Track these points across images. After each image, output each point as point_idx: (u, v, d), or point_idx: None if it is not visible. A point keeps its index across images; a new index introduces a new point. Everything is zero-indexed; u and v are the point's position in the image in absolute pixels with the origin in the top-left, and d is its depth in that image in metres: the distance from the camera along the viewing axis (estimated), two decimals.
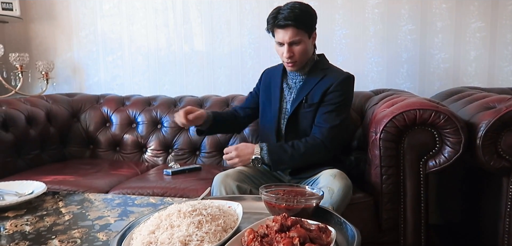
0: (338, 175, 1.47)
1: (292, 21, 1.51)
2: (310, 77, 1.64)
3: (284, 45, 1.55)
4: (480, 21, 2.22)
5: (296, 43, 1.55)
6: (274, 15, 1.55)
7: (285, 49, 1.56)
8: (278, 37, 1.57)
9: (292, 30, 1.52)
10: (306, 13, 1.55)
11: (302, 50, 1.57)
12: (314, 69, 1.65)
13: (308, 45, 1.59)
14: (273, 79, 1.75)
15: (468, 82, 2.27)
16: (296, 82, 1.67)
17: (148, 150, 2.36)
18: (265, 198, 1.06)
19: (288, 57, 1.57)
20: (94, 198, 1.38)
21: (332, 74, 1.62)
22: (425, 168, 1.51)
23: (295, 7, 1.53)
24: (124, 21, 2.71)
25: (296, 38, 1.53)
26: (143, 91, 2.70)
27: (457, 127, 1.42)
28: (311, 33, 1.59)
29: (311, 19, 1.58)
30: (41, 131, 2.24)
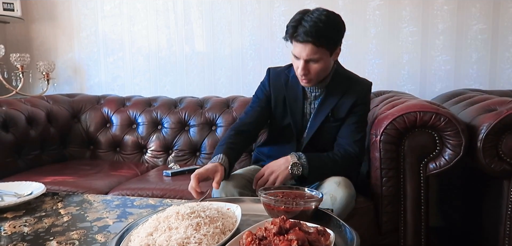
0: (342, 182, 1.39)
1: (313, 38, 1.34)
2: (332, 89, 1.53)
3: (301, 60, 1.40)
4: (481, 23, 2.22)
5: (313, 61, 1.40)
6: (295, 24, 1.37)
7: (300, 65, 1.41)
8: (295, 50, 1.41)
9: (311, 48, 1.36)
10: (331, 28, 1.38)
11: (319, 69, 1.42)
12: (334, 80, 1.54)
13: (327, 63, 1.44)
14: (291, 87, 1.57)
15: (469, 84, 2.26)
16: (315, 94, 1.55)
17: (148, 151, 2.36)
18: (264, 200, 1.06)
19: (303, 74, 1.43)
20: (93, 199, 1.37)
21: (355, 86, 1.53)
22: (425, 171, 1.50)
23: (320, 20, 1.34)
24: (125, 22, 2.71)
25: (315, 56, 1.38)
26: (144, 92, 2.70)
27: (458, 130, 1.41)
28: (334, 50, 1.44)
29: (336, 35, 1.42)
30: (41, 132, 2.24)
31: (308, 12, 1.38)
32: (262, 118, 1.62)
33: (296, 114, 1.56)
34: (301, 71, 1.41)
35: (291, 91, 1.57)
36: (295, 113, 1.56)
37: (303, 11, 1.40)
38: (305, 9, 1.40)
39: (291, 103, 1.56)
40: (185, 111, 2.34)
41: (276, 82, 1.61)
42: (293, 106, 1.56)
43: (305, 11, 1.39)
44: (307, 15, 1.36)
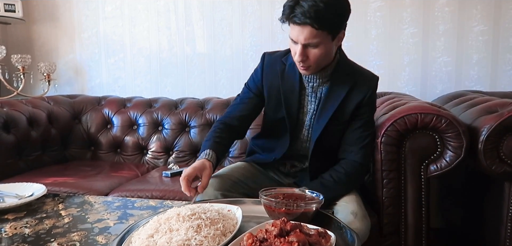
0: (359, 214, 1.26)
1: (311, 20, 1.18)
2: (337, 85, 1.37)
3: (298, 44, 1.25)
4: (482, 24, 2.21)
5: (312, 46, 1.24)
6: (292, 4, 1.21)
7: (298, 50, 1.26)
8: (293, 33, 1.25)
9: (309, 30, 1.21)
10: (333, 9, 1.21)
11: (319, 55, 1.26)
12: (338, 72, 1.38)
13: (329, 48, 1.28)
14: (287, 77, 1.42)
15: (470, 86, 2.26)
16: (314, 85, 1.40)
17: (149, 152, 2.36)
18: (264, 202, 1.06)
19: (300, 60, 1.27)
20: (94, 200, 1.37)
21: (362, 81, 1.38)
22: (426, 172, 1.50)
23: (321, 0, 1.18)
24: (126, 23, 2.71)
25: (314, 40, 1.22)
26: (145, 93, 2.70)
27: (459, 132, 1.41)
28: (336, 34, 1.27)
29: (339, 18, 1.26)
30: (42, 133, 2.24)
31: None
32: (252, 111, 1.51)
33: (292, 107, 1.42)
34: (298, 57, 1.26)
35: (287, 82, 1.42)
36: (290, 106, 1.42)
37: None
38: None
39: (286, 95, 1.42)
40: (186, 112, 2.34)
41: (270, 70, 1.46)
42: (289, 98, 1.42)
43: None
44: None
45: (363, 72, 1.43)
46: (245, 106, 1.49)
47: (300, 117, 1.44)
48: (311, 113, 1.42)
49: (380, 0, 2.31)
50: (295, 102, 1.41)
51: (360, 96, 1.36)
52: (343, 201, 1.32)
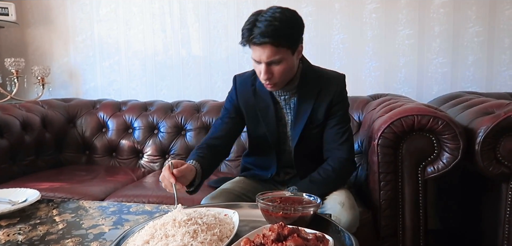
0: (346, 203, 1.31)
1: (270, 38, 1.24)
2: (304, 92, 1.43)
3: (262, 64, 1.30)
4: (478, 25, 2.22)
5: (275, 63, 1.29)
6: (250, 27, 1.27)
7: (262, 70, 1.30)
8: (255, 54, 1.30)
9: (270, 49, 1.26)
10: (288, 25, 1.27)
11: (283, 71, 1.32)
12: (304, 82, 1.43)
13: (291, 63, 1.33)
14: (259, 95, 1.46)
15: (466, 87, 2.26)
16: (285, 97, 1.45)
17: (145, 155, 2.34)
18: (261, 206, 1.05)
19: (266, 78, 1.32)
20: (89, 205, 1.35)
21: (328, 85, 1.43)
22: (423, 174, 1.49)
23: (275, 18, 1.24)
24: (121, 26, 2.70)
25: (276, 57, 1.27)
26: (140, 96, 2.68)
27: (456, 133, 1.41)
28: (295, 48, 1.33)
29: (295, 32, 1.32)
30: (36, 137, 2.22)
31: (262, 12, 1.28)
32: (234, 131, 1.54)
33: (270, 124, 1.46)
34: (263, 75, 1.31)
35: (261, 100, 1.46)
36: (268, 123, 1.46)
37: (257, 12, 1.30)
38: (258, 10, 1.31)
39: (262, 112, 1.46)
40: (182, 115, 2.33)
41: (243, 91, 1.50)
42: (265, 115, 1.46)
43: (258, 11, 1.30)
44: (261, 15, 1.27)
45: (329, 75, 1.48)
46: (226, 126, 1.52)
47: (281, 129, 1.48)
48: (289, 123, 1.47)
49: (376, 2, 2.32)
50: (272, 117, 1.46)
51: (329, 96, 1.42)
52: (332, 194, 1.37)
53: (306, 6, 2.39)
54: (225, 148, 1.53)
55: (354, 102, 2.10)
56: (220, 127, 1.52)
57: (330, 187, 1.39)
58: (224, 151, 1.53)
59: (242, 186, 1.51)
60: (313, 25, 2.41)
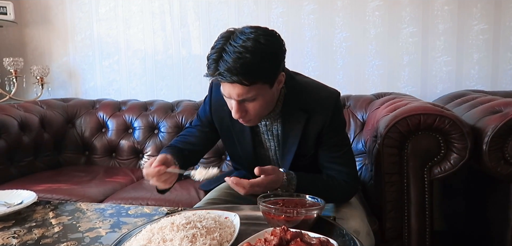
0: (362, 232, 1.19)
1: (240, 76, 1.02)
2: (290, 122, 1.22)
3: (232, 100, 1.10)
4: (483, 23, 2.18)
5: (249, 100, 1.09)
6: (215, 58, 1.03)
7: (234, 107, 1.11)
8: (224, 90, 1.09)
9: (240, 88, 1.05)
10: (263, 57, 1.03)
11: (259, 107, 1.12)
12: (288, 108, 1.22)
13: (269, 97, 1.13)
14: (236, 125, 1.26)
15: (471, 85, 2.22)
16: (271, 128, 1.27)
17: (145, 156, 2.31)
18: (263, 208, 1.01)
19: (238, 117, 1.13)
20: (86, 208, 1.32)
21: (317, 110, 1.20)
22: (429, 175, 1.46)
23: (246, 48, 1.00)
24: (121, 25, 2.67)
25: (249, 95, 1.07)
26: (140, 95, 2.65)
27: (463, 132, 1.37)
28: (274, 81, 1.11)
29: (271, 64, 1.07)
30: (34, 138, 2.19)
31: (231, 37, 1.04)
32: (207, 142, 1.38)
33: (246, 148, 1.29)
34: (235, 114, 1.11)
35: (237, 123, 1.23)
36: (244, 147, 1.29)
37: (227, 35, 1.05)
38: (228, 32, 1.06)
39: (238, 137, 1.28)
40: (182, 115, 2.29)
41: (217, 107, 1.30)
42: (241, 139, 1.28)
43: (227, 35, 1.05)
44: (229, 44, 1.02)
45: (318, 98, 1.22)
46: (199, 135, 1.36)
47: (261, 152, 1.32)
48: (272, 149, 1.30)
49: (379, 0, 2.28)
50: (248, 142, 1.28)
51: (319, 126, 1.21)
52: (344, 217, 1.24)
53: (308, 4, 2.35)
54: (197, 154, 1.37)
55: (357, 101, 2.06)
56: (194, 134, 1.36)
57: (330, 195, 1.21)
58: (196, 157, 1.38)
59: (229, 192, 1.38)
60: (315, 23, 2.37)
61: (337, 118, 1.23)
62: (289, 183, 1.17)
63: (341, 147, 1.26)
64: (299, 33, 2.38)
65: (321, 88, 1.26)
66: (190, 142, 1.34)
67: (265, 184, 1.10)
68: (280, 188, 1.15)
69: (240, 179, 1.09)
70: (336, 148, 1.25)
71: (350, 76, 2.35)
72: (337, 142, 1.25)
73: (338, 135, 1.26)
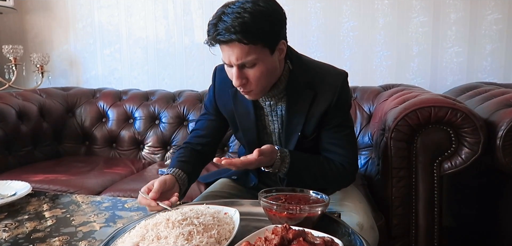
0: (366, 225, 1.16)
1: (238, 35, 1.00)
2: (295, 101, 1.19)
3: (233, 67, 1.08)
4: (496, 12, 2.09)
5: (249, 65, 1.06)
6: (215, 21, 1.04)
7: (234, 74, 1.08)
8: (224, 55, 1.08)
9: (239, 48, 1.03)
10: (262, 17, 1.02)
11: (260, 75, 1.08)
12: (293, 86, 1.19)
13: (270, 65, 1.09)
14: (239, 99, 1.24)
15: (483, 78, 2.15)
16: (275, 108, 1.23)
17: (146, 146, 2.26)
18: (264, 204, 0.95)
19: (238, 85, 1.09)
20: (82, 200, 1.28)
21: (324, 89, 1.17)
22: (439, 170, 1.39)
23: (245, 9, 1.01)
24: (122, 12, 2.61)
25: (248, 58, 1.04)
26: (142, 85, 2.60)
27: (476, 126, 1.30)
28: (274, 47, 1.08)
29: (271, 25, 1.06)
30: (33, 127, 2.14)
31: (230, 4, 1.05)
32: (218, 130, 1.35)
33: (249, 132, 1.26)
34: (236, 81, 1.08)
35: (240, 105, 1.24)
36: (247, 131, 1.26)
37: (226, 3, 1.07)
38: (227, 2, 1.08)
39: (241, 119, 1.26)
40: (184, 105, 2.24)
41: (221, 92, 1.29)
42: (244, 123, 1.26)
43: (227, 3, 1.07)
44: (228, 8, 1.03)
45: (327, 76, 1.20)
46: (206, 132, 1.34)
47: (265, 138, 1.27)
48: (276, 132, 1.26)
49: None
50: (252, 126, 1.25)
51: (325, 104, 1.17)
52: (348, 210, 1.21)
53: None
54: (208, 153, 1.34)
55: (365, 93, 2.00)
56: (200, 133, 1.34)
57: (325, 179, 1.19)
58: (207, 155, 1.34)
59: (230, 190, 1.37)
60: (321, 12, 2.29)
61: (343, 98, 1.20)
62: (282, 161, 1.13)
63: (344, 129, 1.22)
64: (305, 22, 2.30)
65: (328, 67, 1.23)
66: (201, 135, 1.33)
67: (257, 160, 1.06)
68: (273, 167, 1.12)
69: (231, 159, 1.07)
70: (339, 128, 1.21)
71: (357, 66, 2.27)
72: (340, 122, 1.21)
73: (342, 116, 1.22)
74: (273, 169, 1.13)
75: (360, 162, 1.87)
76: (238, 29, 1.00)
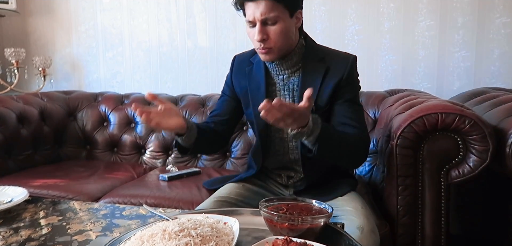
0: (366, 228, 1.16)
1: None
2: (309, 72, 1.29)
3: (256, 24, 1.20)
4: (505, 16, 2.05)
5: (271, 22, 1.19)
6: None
7: (256, 30, 1.20)
8: (248, 13, 1.21)
9: (265, 4, 1.17)
10: None
11: (279, 32, 1.20)
12: (308, 59, 1.30)
13: (288, 26, 1.22)
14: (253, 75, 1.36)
15: (490, 83, 2.10)
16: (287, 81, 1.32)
17: (147, 151, 2.23)
18: (265, 215, 0.92)
19: (260, 40, 1.21)
20: (79, 207, 1.25)
21: (336, 63, 1.29)
22: (446, 179, 1.35)
23: None
24: (125, 15, 2.59)
25: (271, 14, 1.18)
26: (144, 88, 2.58)
27: (485, 134, 1.26)
28: (293, 12, 1.23)
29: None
30: (33, 131, 2.12)
31: None
32: (230, 115, 1.44)
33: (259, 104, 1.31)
34: (257, 36, 1.20)
35: (253, 80, 1.36)
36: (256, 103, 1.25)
37: None
38: None
39: (253, 94, 1.35)
40: (186, 109, 2.21)
41: (238, 72, 1.42)
42: (255, 97, 1.33)
43: None
44: None
45: (338, 54, 1.34)
46: (221, 111, 1.45)
47: None
48: None
49: None
50: (262, 97, 1.28)
51: (337, 77, 1.27)
52: (349, 215, 1.21)
53: None
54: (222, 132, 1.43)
55: (369, 98, 1.96)
56: (219, 106, 1.46)
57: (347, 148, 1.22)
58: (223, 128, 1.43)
59: (238, 192, 1.37)
60: (326, 15, 2.26)
61: (354, 75, 1.32)
62: (314, 123, 1.11)
63: (356, 105, 1.31)
64: (310, 25, 2.27)
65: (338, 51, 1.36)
66: (216, 114, 1.45)
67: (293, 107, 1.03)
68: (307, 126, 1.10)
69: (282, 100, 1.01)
70: (351, 103, 1.29)
71: (362, 71, 2.18)
72: (352, 97, 1.30)
73: (354, 91, 1.32)
74: (307, 129, 1.10)
75: (365, 169, 1.84)
76: None
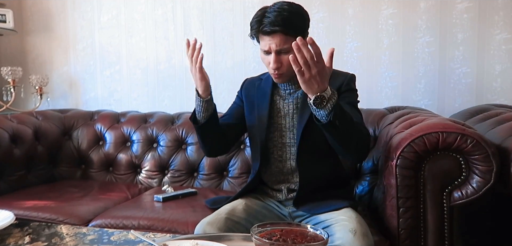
0: (359, 231, 1.21)
1: (280, 27, 1.29)
2: None
3: (271, 53, 1.34)
4: (506, 32, 2.02)
5: (284, 52, 1.32)
6: (259, 18, 1.33)
7: (272, 59, 1.33)
8: (264, 44, 1.35)
9: (280, 37, 1.31)
10: (296, 15, 1.34)
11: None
12: None
13: None
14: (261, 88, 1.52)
15: (492, 99, 2.06)
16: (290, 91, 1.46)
17: (143, 171, 2.19)
18: (256, 242, 0.87)
19: (275, 68, 1.34)
20: (67, 231, 1.20)
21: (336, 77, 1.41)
22: (449, 200, 1.30)
23: (284, 8, 1.31)
24: (123, 34, 2.58)
25: (285, 46, 1.31)
26: (142, 106, 2.55)
27: (488, 153, 1.21)
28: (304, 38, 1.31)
29: (303, 23, 1.36)
30: (27, 151, 2.09)
31: (268, 7, 1.35)
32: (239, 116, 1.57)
33: (262, 114, 1.48)
34: (273, 64, 1.34)
35: (261, 89, 1.53)
36: (261, 113, 1.48)
37: (263, 7, 1.36)
38: (264, 6, 1.37)
39: (259, 100, 1.51)
40: (183, 128, 2.18)
41: (248, 88, 1.58)
42: (261, 101, 1.50)
43: (265, 7, 1.36)
44: (269, 8, 1.33)
45: (338, 72, 1.47)
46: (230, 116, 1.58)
47: (277, 120, 1.47)
48: (290, 113, 1.46)
49: (393, 7, 2.14)
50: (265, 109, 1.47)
51: (337, 84, 1.40)
52: (342, 220, 1.27)
53: (318, 12, 2.23)
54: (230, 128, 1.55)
55: (369, 115, 1.92)
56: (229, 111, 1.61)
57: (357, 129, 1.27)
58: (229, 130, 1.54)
59: (242, 209, 1.39)
60: (324, 32, 2.24)
61: (352, 85, 1.45)
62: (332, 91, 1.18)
63: (356, 110, 1.42)
64: None
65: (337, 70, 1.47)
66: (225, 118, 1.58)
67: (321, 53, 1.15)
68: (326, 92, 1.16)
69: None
70: (351, 106, 1.39)
71: (361, 88, 2.15)
72: (352, 101, 1.41)
73: (352, 97, 1.44)
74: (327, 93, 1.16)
75: (364, 189, 1.79)
76: (281, 23, 1.29)
